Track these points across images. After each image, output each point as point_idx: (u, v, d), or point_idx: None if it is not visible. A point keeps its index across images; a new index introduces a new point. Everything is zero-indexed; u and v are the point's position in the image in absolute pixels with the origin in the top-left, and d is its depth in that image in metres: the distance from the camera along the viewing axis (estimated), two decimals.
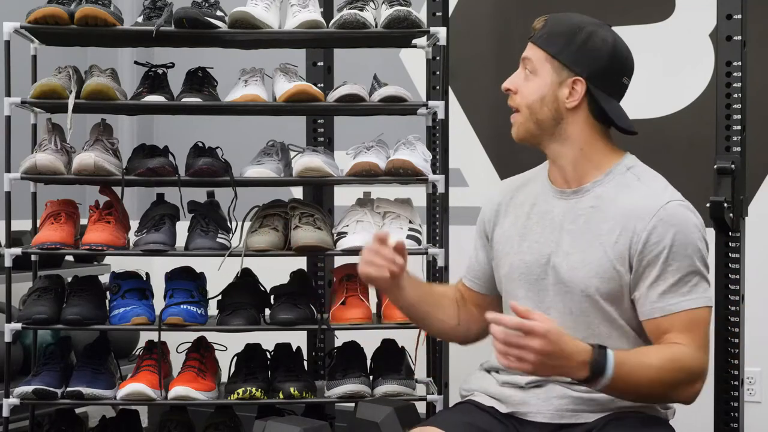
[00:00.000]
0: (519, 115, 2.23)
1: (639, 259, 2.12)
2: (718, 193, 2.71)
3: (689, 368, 2.08)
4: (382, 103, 3.05)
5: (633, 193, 2.17)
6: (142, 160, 3.05)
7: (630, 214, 2.14)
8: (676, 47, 3.67)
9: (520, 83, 2.23)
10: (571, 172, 2.23)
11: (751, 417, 2.91)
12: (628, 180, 2.20)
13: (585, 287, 2.15)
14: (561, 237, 2.20)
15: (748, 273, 2.79)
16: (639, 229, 2.13)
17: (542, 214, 2.25)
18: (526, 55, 2.23)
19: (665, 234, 2.11)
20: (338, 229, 3.06)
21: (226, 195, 3.08)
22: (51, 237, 2.98)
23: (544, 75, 2.20)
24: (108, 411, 3.50)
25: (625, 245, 2.13)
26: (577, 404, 2.16)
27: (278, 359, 3.17)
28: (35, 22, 2.95)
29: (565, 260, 2.18)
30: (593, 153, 2.22)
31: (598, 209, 2.18)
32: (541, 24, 2.25)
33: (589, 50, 2.20)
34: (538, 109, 2.21)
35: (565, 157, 2.23)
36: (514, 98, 2.24)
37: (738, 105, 2.74)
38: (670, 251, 2.11)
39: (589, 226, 2.18)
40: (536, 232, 2.24)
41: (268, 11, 3.01)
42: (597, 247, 2.16)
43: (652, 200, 2.15)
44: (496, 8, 3.97)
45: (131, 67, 3.49)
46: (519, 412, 2.21)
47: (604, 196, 2.19)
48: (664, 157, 3.63)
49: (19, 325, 2.98)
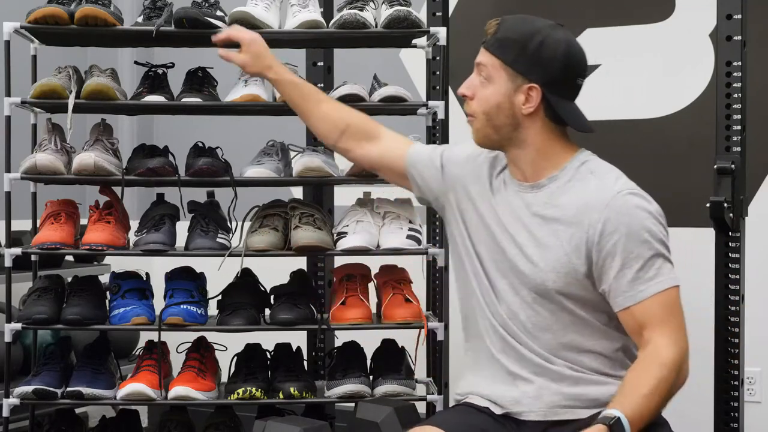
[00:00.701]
0: (476, 121, 2.27)
1: (597, 250, 2.16)
2: (718, 193, 2.71)
3: (674, 364, 2.12)
4: (382, 103, 3.05)
5: (586, 187, 2.21)
6: (142, 160, 3.05)
7: (584, 207, 2.18)
8: (676, 47, 3.67)
9: (476, 89, 2.26)
10: (529, 171, 2.27)
11: (751, 417, 2.91)
12: (582, 174, 2.24)
13: (542, 281, 2.18)
14: (518, 230, 2.24)
15: (748, 273, 2.79)
16: (593, 221, 2.16)
17: (505, 204, 2.29)
18: (480, 61, 2.26)
19: (619, 224, 2.15)
20: (338, 229, 3.06)
21: (226, 195, 3.08)
22: (51, 237, 2.98)
23: (499, 82, 2.23)
24: (108, 411, 3.50)
25: (581, 239, 2.17)
26: (569, 400, 2.19)
27: (278, 359, 3.17)
28: (35, 22, 2.95)
29: (522, 254, 2.22)
30: (550, 153, 2.26)
31: (552, 204, 2.22)
32: (494, 29, 2.25)
33: (542, 57, 2.21)
34: (495, 116, 2.24)
35: (523, 158, 2.27)
36: (470, 104, 2.27)
37: (738, 105, 2.74)
38: (628, 239, 2.15)
39: (544, 220, 2.22)
40: (499, 219, 2.28)
41: (268, 11, 3.01)
42: (553, 240, 2.19)
43: (604, 192, 2.18)
44: (496, 8, 3.97)
45: (131, 67, 3.50)
46: (513, 412, 2.22)
47: (558, 191, 2.23)
48: (664, 157, 3.64)
49: (19, 325, 2.98)
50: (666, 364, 2.10)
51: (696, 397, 3.06)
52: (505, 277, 2.25)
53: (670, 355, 2.11)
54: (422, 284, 3.18)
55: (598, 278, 2.17)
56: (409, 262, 3.10)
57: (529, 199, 2.25)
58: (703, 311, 2.98)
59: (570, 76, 2.23)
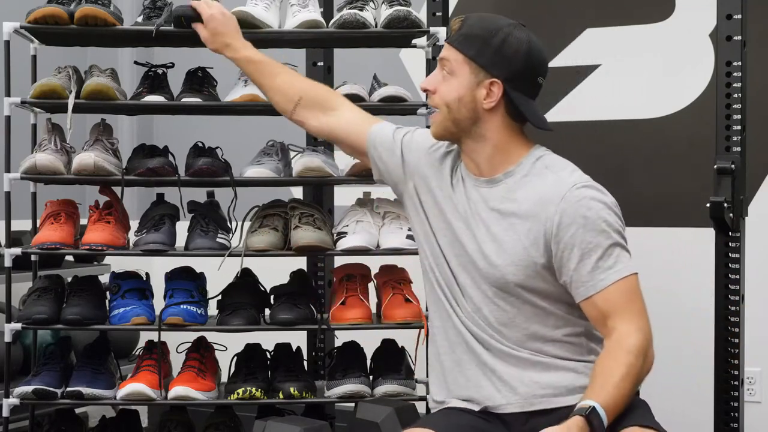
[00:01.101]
0: (438, 114, 2.30)
1: (556, 242, 2.19)
2: (718, 193, 2.71)
3: (638, 350, 2.14)
4: (382, 103, 3.05)
5: (542, 181, 2.24)
6: (142, 160, 3.05)
7: (540, 200, 2.21)
8: (676, 47, 3.67)
9: (438, 83, 2.29)
10: (485, 165, 2.29)
11: (751, 417, 2.91)
12: (537, 169, 2.26)
13: (501, 275, 2.21)
14: (476, 225, 2.27)
15: (748, 273, 2.79)
16: (550, 213, 2.19)
17: (464, 198, 2.30)
18: (444, 56, 2.29)
19: (575, 216, 2.18)
20: (338, 229, 3.06)
21: (226, 195, 3.08)
22: (51, 237, 2.98)
23: (461, 76, 2.26)
24: (108, 411, 3.50)
25: (539, 231, 2.20)
26: (542, 389, 2.21)
27: (278, 359, 3.17)
28: (35, 22, 2.95)
29: (480, 249, 2.24)
30: (508, 148, 2.29)
31: (509, 199, 2.25)
32: (458, 25, 2.29)
33: (505, 53, 2.25)
34: (456, 109, 2.27)
35: (480, 153, 2.29)
36: (433, 98, 2.31)
37: (738, 105, 2.74)
38: (585, 230, 2.17)
39: (501, 215, 2.24)
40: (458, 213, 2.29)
41: (268, 11, 3.01)
42: (510, 235, 2.22)
43: (560, 186, 2.21)
44: (495, 8, 3.96)
45: (131, 67, 3.49)
46: (490, 407, 2.23)
47: (514, 185, 2.25)
48: (664, 157, 3.64)
49: (19, 325, 2.98)
50: (632, 350, 2.13)
51: (696, 397, 3.07)
52: (466, 271, 2.28)
53: (636, 341, 2.14)
54: (422, 284, 3.18)
55: (558, 270, 2.20)
56: (409, 262, 3.10)
57: (486, 194, 2.28)
58: (703, 311, 2.99)
59: (532, 74, 2.26)
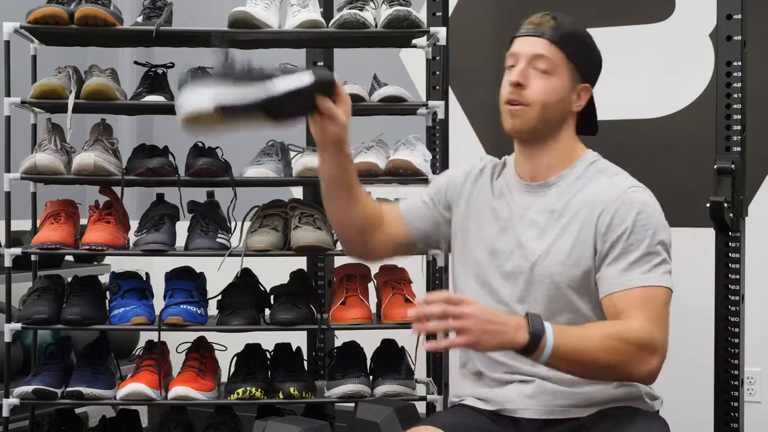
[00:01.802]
0: (528, 109, 2.21)
1: (603, 240, 2.16)
2: (718, 193, 2.71)
3: (637, 339, 2.05)
4: (382, 103, 3.05)
5: (596, 185, 2.22)
6: (142, 160, 3.05)
7: (593, 202, 2.19)
8: (676, 47, 3.66)
9: (531, 79, 2.22)
10: (543, 169, 2.26)
11: (751, 417, 2.91)
12: (590, 173, 2.25)
13: (551, 275, 2.18)
14: (527, 228, 2.24)
15: (748, 273, 2.79)
16: (603, 213, 2.17)
17: (509, 204, 2.28)
18: (540, 52, 2.21)
19: (627, 214, 2.16)
20: None
21: (226, 195, 3.08)
22: (51, 237, 2.98)
23: (562, 77, 2.22)
24: (108, 411, 3.50)
25: (589, 232, 2.18)
26: (567, 399, 2.18)
27: (278, 359, 3.17)
28: (35, 22, 2.95)
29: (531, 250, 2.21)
30: (570, 153, 2.28)
31: (563, 201, 2.22)
32: (551, 22, 2.23)
33: (594, 58, 2.27)
34: (552, 110, 2.22)
35: (545, 156, 2.26)
36: (524, 93, 2.21)
37: (738, 105, 2.74)
38: (632, 230, 2.15)
39: (553, 216, 2.22)
40: (503, 221, 2.26)
41: (268, 11, 3.01)
42: (562, 236, 2.20)
43: (615, 188, 2.20)
44: (496, 8, 3.97)
45: (131, 67, 3.49)
46: (507, 410, 2.22)
47: (567, 188, 2.23)
48: (664, 157, 3.64)
49: (19, 325, 2.98)
50: (626, 331, 2.04)
51: (696, 397, 3.07)
52: (508, 280, 2.24)
53: (635, 331, 2.05)
54: (422, 284, 3.18)
55: (597, 266, 2.17)
56: (409, 262, 3.10)
57: (537, 198, 2.25)
58: (703, 311, 2.98)
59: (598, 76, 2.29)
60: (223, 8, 3.06)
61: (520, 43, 2.25)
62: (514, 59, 2.25)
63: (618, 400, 2.17)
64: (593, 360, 2.03)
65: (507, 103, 2.24)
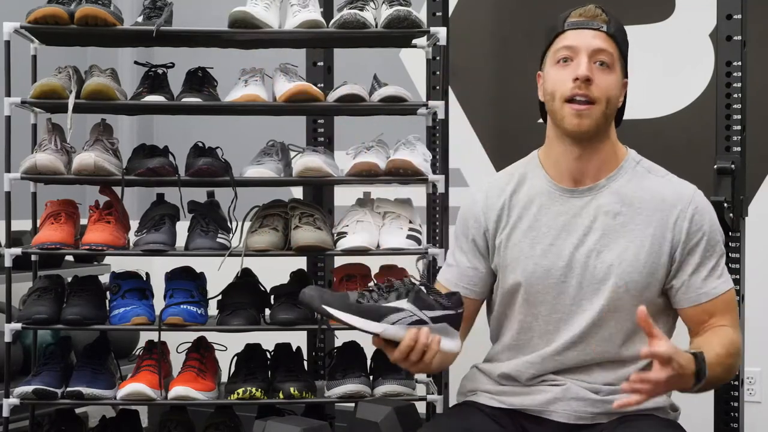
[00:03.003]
0: (594, 107, 2.15)
1: (682, 248, 2.16)
2: (718, 193, 2.71)
3: (738, 350, 2.16)
4: (382, 103, 3.05)
5: (655, 185, 2.20)
6: (142, 160, 3.05)
7: (661, 205, 2.17)
8: (676, 47, 3.67)
9: (595, 74, 2.15)
10: (593, 170, 2.21)
11: (751, 417, 2.91)
12: (640, 173, 2.23)
13: (620, 282, 2.14)
14: (584, 236, 2.19)
15: (748, 273, 2.79)
16: (678, 219, 2.16)
17: (554, 215, 2.22)
18: (602, 47, 2.16)
19: (702, 221, 2.17)
20: (338, 229, 3.06)
21: (226, 195, 3.08)
22: (51, 237, 2.98)
23: (618, 72, 2.20)
24: (108, 411, 3.50)
25: (664, 237, 2.16)
26: (596, 407, 2.16)
27: (278, 359, 3.17)
28: (35, 22, 2.95)
29: (596, 258, 2.17)
30: (613, 150, 2.24)
31: (623, 204, 2.18)
32: (604, 16, 2.19)
33: (627, 55, 2.24)
34: (613, 105, 2.19)
35: (596, 156, 2.21)
36: (592, 89, 2.14)
37: (738, 105, 2.74)
38: (709, 238, 2.17)
39: (616, 221, 2.17)
40: (549, 235, 2.21)
41: (268, 11, 3.01)
42: (631, 240, 2.16)
43: (680, 190, 2.19)
44: (496, 8, 3.97)
45: (131, 67, 3.49)
46: (532, 409, 2.19)
47: (623, 190, 2.20)
48: (664, 157, 3.60)
49: (19, 325, 2.98)
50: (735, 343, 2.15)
51: (696, 397, 3.06)
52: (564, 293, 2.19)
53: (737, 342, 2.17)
54: None
55: (674, 274, 2.17)
56: (410, 262, 3.10)
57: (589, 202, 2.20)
58: None
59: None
60: (223, 8, 3.06)
61: (577, 36, 2.17)
62: (571, 52, 2.16)
63: (642, 408, 2.15)
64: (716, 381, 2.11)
65: (570, 101, 2.15)
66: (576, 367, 2.19)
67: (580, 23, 2.17)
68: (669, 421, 2.19)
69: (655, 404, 2.15)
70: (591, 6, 2.21)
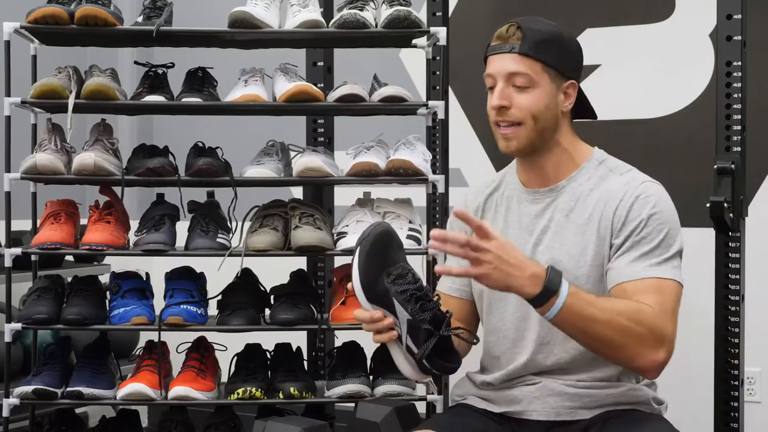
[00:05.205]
0: (520, 128, 2.21)
1: (618, 233, 2.16)
2: (718, 193, 2.71)
3: (651, 326, 2.05)
4: (382, 103, 3.05)
5: (609, 183, 2.22)
6: (142, 160, 3.05)
7: (608, 199, 2.19)
8: (676, 47, 3.67)
9: (514, 98, 2.20)
10: (551, 173, 2.25)
11: (751, 417, 2.91)
12: (602, 172, 2.24)
13: (570, 278, 2.15)
14: (541, 235, 2.23)
15: (748, 273, 2.79)
16: (619, 208, 2.17)
17: (519, 218, 2.27)
18: (516, 70, 2.19)
19: (643, 207, 2.16)
20: (338, 229, 3.06)
21: (226, 195, 3.08)
22: (51, 237, 2.98)
23: (544, 85, 2.21)
24: (108, 411, 3.50)
25: (606, 228, 2.18)
26: (573, 401, 2.17)
27: (278, 359, 3.17)
28: (35, 22, 2.95)
29: (549, 255, 2.20)
30: (574, 151, 2.27)
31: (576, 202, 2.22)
32: (518, 34, 2.21)
33: (571, 52, 2.25)
34: (543, 119, 2.21)
35: (551, 161, 2.25)
36: (512, 113, 2.20)
37: (738, 105, 2.74)
38: (647, 222, 2.15)
39: (568, 219, 2.21)
40: (515, 236, 2.25)
41: (268, 11, 3.01)
42: (578, 236, 2.19)
43: (629, 184, 2.20)
44: (496, 8, 3.97)
45: (131, 67, 3.49)
46: (513, 411, 2.21)
47: (580, 189, 2.23)
48: (664, 157, 3.64)
49: (19, 325, 2.98)
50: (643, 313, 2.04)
51: (696, 397, 3.07)
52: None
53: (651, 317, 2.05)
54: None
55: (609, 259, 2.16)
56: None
57: (548, 203, 2.24)
58: (703, 311, 2.99)
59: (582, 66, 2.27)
60: (223, 8, 3.06)
61: (493, 62, 2.23)
62: (491, 80, 2.23)
63: (625, 403, 2.17)
64: (600, 333, 2.03)
65: (496, 125, 2.23)
66: (550, 370, 2.21)
67: (495, 48, 2.23)
68: (654, 415, 2.19)
69: (636, 397, 2.18)
70: (505, 27, 2.24)
